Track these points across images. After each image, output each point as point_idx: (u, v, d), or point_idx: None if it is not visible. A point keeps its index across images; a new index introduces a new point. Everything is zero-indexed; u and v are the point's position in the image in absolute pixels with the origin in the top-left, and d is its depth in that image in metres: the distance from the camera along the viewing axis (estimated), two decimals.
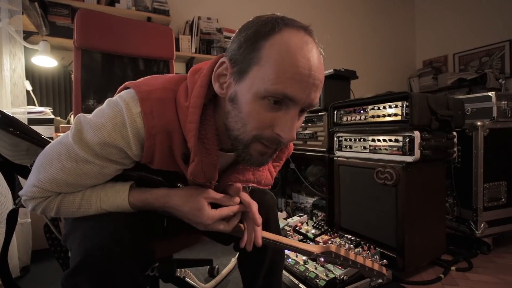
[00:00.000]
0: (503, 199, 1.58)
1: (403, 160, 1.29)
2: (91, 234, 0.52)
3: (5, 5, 1.28)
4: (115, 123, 0.51)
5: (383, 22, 3.83)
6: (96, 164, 0.52)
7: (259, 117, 0.49)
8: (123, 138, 0.51)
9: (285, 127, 0.49)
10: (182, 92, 0.54)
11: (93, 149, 0.51)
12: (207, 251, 1.59)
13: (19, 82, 1.43)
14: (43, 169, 0.53)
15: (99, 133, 0.50)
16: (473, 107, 1.65)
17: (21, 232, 1.38)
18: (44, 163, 0.53)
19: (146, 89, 0.53)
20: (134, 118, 0.51)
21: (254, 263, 0.77)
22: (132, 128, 0.51)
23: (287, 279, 1.24)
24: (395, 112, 1.33)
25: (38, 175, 0.53)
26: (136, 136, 0.52)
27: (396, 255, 1.29)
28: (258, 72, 0.47)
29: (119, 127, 0.51)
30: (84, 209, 0.56)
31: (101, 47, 1.17)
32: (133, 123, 0.51)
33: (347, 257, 0.60)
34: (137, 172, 0.60)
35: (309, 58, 0.47)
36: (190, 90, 0.53)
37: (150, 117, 0.51)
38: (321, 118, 1.79)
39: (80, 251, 0.49)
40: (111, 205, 0.56)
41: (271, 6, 2.96)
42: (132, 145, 0.52)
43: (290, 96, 0.47)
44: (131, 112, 0.51)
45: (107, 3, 2.09)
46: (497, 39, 3.18)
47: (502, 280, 1.28)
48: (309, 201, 1.97)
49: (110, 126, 0.51)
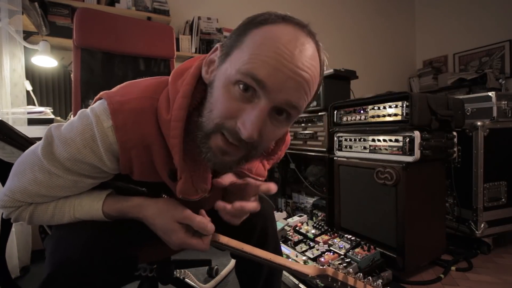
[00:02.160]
0: (503, 199, 1.57)
1: (403, 160, 1.29)
2: (60, 246, 0.49)
3: (5, 5, 1.28)
4: (85, 138, 0.47)
5: (383, 22, 3.83)
6: (68, 179, 0.49)
7: (226, 104, 0.43)
8: (94, 154, 0.47)
9: (248, 120, 0.42)
10: (163, 103, 0.48)
11: (64, 164, 0.48)
12: (207, 251, 1.58)
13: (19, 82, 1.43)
14: (16, 178, 0.50)
15: (68, 148, 0.47)
16: (473, 107, 1.65)
17: (21, 232, 1.38)
18: (18, 172, 0.51)
19: (119, 100, 0.48)
20: (105, 133, 0.47)
21: (252, 271, 0.73)
22: (104, 143, 0.47)
23: (287, 279, 1.24)
24: (395, 112, 1.33)
25: (11, 184, 0.51)
26: (109, 151, 0.48)
27: (396, 255, 1.29)
28: (237, 55, 0.43)
29: (89, 143, 0.47)
30: (58, 218, 0.53)
31: (101, 46, 1.17)
32: (104, 138, 0.47)
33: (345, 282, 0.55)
34: (120, 182, 0.56)
35: (293, 52, 0.41)
36: (172, 101, 0.47)
37: (122, 131, 0.47)
38: (321, 118, 1.79)
39: (50, 263, 0.47)
40: (85, 214, 0.53)
41: (271, 7, 2.96)
42: (105, 161, 0.48)
43: (258, 78, 0.40)
44: (102, 126, 0.47)
45: (107, 3, 2.09)
46: (497, 39, 3.18)
47: (502, 280, 1.28)
48: (309, 201, 1.97)
49: (79, 142, 0.47)
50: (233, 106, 0.43)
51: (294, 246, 1.40)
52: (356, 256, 1.23)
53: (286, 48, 0.41)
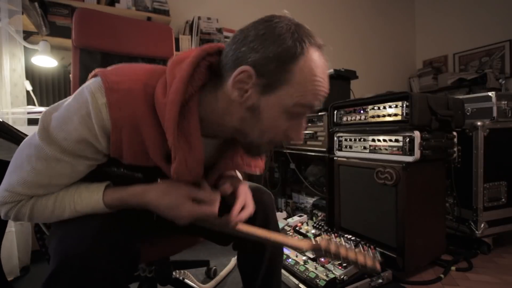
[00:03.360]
0: (503, 199, 1.57)
1: (403, 160, 1.29)
2: (66, 240, 0.50)
3: (5, 5, 1.28)
4: (81, 115, 0.49)
5: (383, 22, 3.83)
6: (66, 161, 0.50)
7: (279, 129, 0.54)
8: (89, 130, 0.49)
9: (299, 133, 0.57)
10: (160, 87, 0.51)
11: (61, 145, 0.49)
12: (207, 251, 1.58)
13: (19, 82, 1.43)
14: (14, 172, 0.52)
15: (65, 126, 0.49)
16: (473, 107, 1.65)
17: (21, 232, 1.38)
18: (15, 166, 0.52)
19: (114, 79, 0.50)
20: (99, 109, 0.48)
21: (253, 262, 0.76)
22: (98, 119, 0.48)
23: (287, 279, 1.24)
24: (395, 112, 1.33)
25: (9, 178, 0.52)
26: (102, 128, 0.49)
27: (396, 255, 1.29)
28: (288, 90, 0.50)
29: (85, 119, 0.48)
30: (58, 213, 0.54)
31: (100, 46, 1.16)
32: (98, 114, 0.48)
33: (337, 253, 0.58)
34: (115, 168, 0.57)
35: (325, 78, 0.54)
36: (169, 85, 0.50)
37: (115, 109, 0.48)
38: (321, 118, 1.79)
39: (55, 259, 0.47)
40: (85, 206, 0.54)
41: (271, 7, 2.96)
42: (99, 138, 0.50)
43: (314, 107, 0.54)
44: (97, 102, 0.48)
45: (107, 3, 2.09)
46: (497, 39, 3.18)
47: (502, 280, 1.28)
48: (309, 201, 1.97)
49: (76, 119, 0.49)
50: (283, 126, 0.54)
51: None
52: None
53: (322, 77, 0.53)
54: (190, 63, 0.51)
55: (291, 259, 1.28)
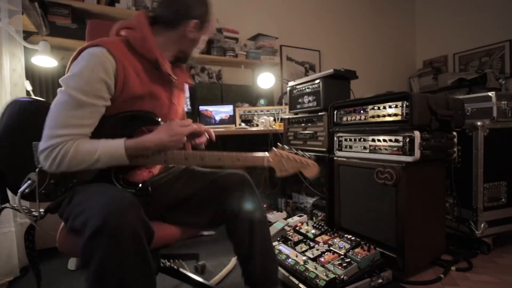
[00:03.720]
0: (503, 199, 1.57)
1: (403, 160, 1.29)
2: (110, 202, 0.62)
3: (5, 5, 1.28)
4: (94, 63, 0.73)
5: (383, 22, 3.83)
6: (89, 102, 0.72)
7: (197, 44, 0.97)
8: (103, 69, 0.73)
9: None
10: (132, 35, 0.83)
11: (84, 89, 0.71)
12: (207, 251, 1.59)
13: (19, 82, 1.42)
14: (52, 122, 0.70)
15: (85, 74, 0.72)
16: (473, 107, 1.65)
17: (21, 232, 1.37)
18: (50, 119, 0.70)
19: (104, 40, 0.78)
20: (104, 54, 0.74)
21: (241, 231, 0.89)
22: (106, 59, 0.74)
23: (287, 279, 1.23)
24: (395, 112, 1.33)
25: (49, 128, 0.69)
26: (111, 66, 0.74)
27: (396, 255, 1.29)
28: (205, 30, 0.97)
29: (98, 65, 0.73)
30: (90, 155, 0.71)
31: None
32: (105, 56, 0.74)
33: (288, 156, 0.88)
34: (129, 111, 0.80)
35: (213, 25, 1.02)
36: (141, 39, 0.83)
37: (114, 50, 0.76)
38: (321, 118, 1.79)
39: (99, 216, 0.58)
40: (110, 147, 0.73)
41: (270, 7, 2.96)
42: (111, 76, 0.74)
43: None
44: (102, 52, 0.74)
45: (107, 3, 2.09)
46: (497, 39, 3.18)
47: (502, 280, 1.28)
48: (309, 201, 1.97)
49: (92, 66, 0.73)
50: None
51: (294, 246, 1.40)
52: (356, 256, 1.23)
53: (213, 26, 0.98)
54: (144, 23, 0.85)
55: (291, 259, 1.28)
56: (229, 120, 2.33)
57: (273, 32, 2.83)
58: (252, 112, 2.42)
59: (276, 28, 2.97)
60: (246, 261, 0.91)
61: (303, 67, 3.20)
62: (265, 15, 2.94)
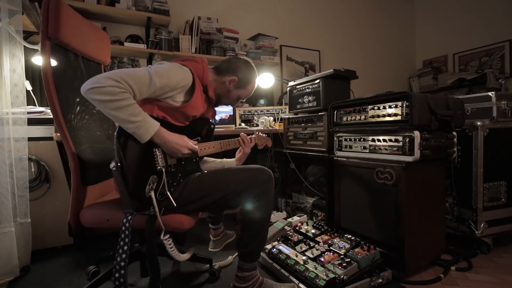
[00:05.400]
0: (503, 199, 1.58)
1: (403, 160, 1.29)
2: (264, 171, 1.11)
3: (5, 5, 1.28)
4: (180, 71, 1.05)
5: (383, 22, 3.83)
6: (154, 83, 0.95)
7: (233, 100, 1.32)
8: (183, 73, 1.05)
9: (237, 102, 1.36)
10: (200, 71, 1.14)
11: (160, 72, 0.97)
12: (206, 251, 1.58)
13: (19, 83, 1.42)
14: (126, 72, 0.89)
15: (171, 68, 1.02)
16: (473, 107, 1.65)
17: (21, 232, 1.37)
18: (127, 71, 0.90)
19: (184, 63, 1.11)
20: (186, 70, 1.07)
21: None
22: (187, 75, 1.06)
23: (287, 279, 1.24)
24: (395, 112, 1.34)
25: (123, 73, 0.88)
26: (187, 79, 1.06)
27: (396, 255, 1.29)
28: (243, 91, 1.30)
29: (181, 71, 1.05)
30: (133, 114, 0.89)
31: (70, 43, 1.11)
32: (187, 73, 1.07)
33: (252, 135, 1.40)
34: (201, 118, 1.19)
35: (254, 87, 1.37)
36: (206, 77, 1.16)
37: (192, 69, 1.10)
38: (321, 118, 1.79)
39: (267, 174, 1.11)
40: (150, 120, 0.94)
41: (270, 7, 2.96)
42: (181, 88, 1.05)
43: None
44: (185, 68, 1.07)
45: (107, 3, 2.09)
46: (497, 39, 3.18)
47: (502, 280, 1.28)
48: (309, 201, 1.97)
49: (177, 71, 1.04)
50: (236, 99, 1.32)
51: (294, 246, 1.40)
52: (356, 256, 1.23)
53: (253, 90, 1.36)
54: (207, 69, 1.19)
55: (291, 259, 1.28)
56: (229, 120, 2.33)
57: (273, 32, 2.83)
58: (252, 112, 2.43)
59: (276, 28, 2.97)
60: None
61: (303, 67, 3.20)
62: (265, 15, 2.95)
